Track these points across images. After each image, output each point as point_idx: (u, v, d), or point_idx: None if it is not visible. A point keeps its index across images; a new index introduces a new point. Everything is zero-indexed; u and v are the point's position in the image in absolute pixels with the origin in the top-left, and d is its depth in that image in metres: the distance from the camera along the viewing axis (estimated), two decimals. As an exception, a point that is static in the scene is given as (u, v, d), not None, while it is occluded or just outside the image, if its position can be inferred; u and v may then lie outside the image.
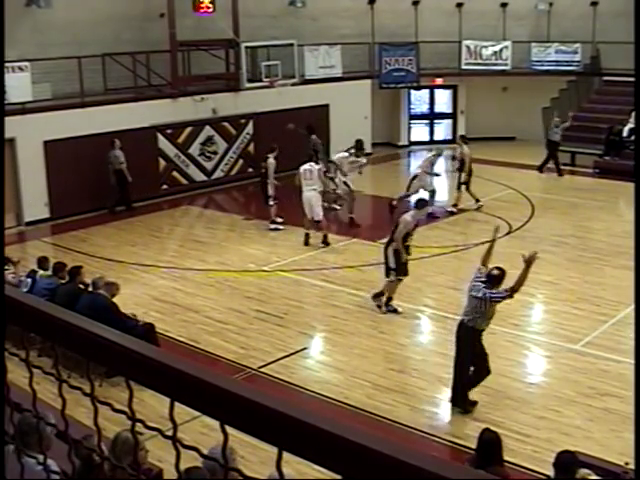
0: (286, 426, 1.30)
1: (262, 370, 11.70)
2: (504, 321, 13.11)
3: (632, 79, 26.75)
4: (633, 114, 24.70)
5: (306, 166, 17.91)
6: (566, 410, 10.29)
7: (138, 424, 1.68)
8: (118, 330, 1.65)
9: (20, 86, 19.32)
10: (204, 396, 1.41)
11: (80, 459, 2.26)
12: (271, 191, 18.93)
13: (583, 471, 6.87)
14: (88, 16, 22.75)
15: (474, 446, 7.85)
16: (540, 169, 24.69)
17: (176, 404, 1.51)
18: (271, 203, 19.03)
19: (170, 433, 1.59)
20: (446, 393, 11.10)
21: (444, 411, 10.77)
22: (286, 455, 1.36)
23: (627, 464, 7.71)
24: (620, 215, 18.94)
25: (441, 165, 22.07)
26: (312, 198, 17.54)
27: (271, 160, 19.00)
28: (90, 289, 11.97)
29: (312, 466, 1.33)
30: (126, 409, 1.68)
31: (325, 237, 17.61)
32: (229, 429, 1.43)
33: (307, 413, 1.29)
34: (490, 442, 7.32)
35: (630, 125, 24.58)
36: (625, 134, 24.93)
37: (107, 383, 9.35)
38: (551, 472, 7.14)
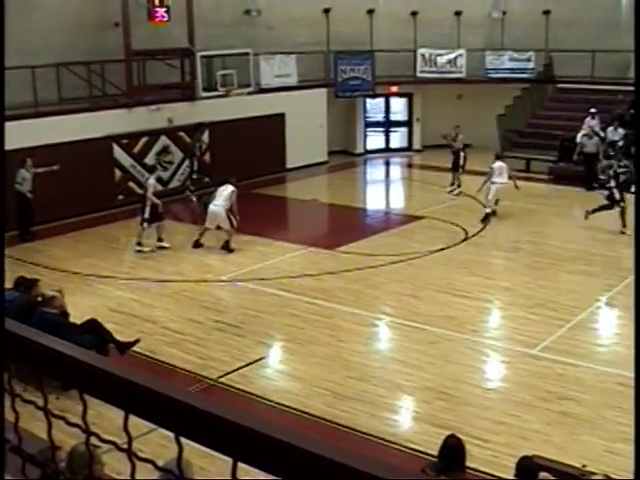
0: (240, 436, 1.29)
1: (221, 380, 11.64)
2: (462, 327, 13.21)
3: (585, 86, 27.17)
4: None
5: (223, 186, 18.25)
6: (525, 414, 10.37)
7: (93, 437, 1.67)
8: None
9: (-29, 97, 19.05)
10: (158, 408, 1.40)
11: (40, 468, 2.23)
12: (147, 214, 18.46)
13: (542, 474, 6.93)
14: (41, 25, 22.51)
15: (434, 452, 7.86)
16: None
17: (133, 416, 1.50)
18: (145, 226, 18.56)
19: (126, 446, 1.58)
20: (405, 400, 11.14)
21: (403, 418, 10.81)
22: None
23: (585, 466, 7.79)
24: (574, 220, 19.10)
25: None
26: (221, 214, 17.99)
27: (151, 181, 18.92)
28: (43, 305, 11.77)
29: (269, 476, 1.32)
30: (80, 422, 1.66)
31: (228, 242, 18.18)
32: (186, 441, 1.42)
33: (261, 423, 1.29)
34: (454, 448, 7.32)
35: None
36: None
37: (64, 396, 9.23)
38: (512, 476, 7.19)
